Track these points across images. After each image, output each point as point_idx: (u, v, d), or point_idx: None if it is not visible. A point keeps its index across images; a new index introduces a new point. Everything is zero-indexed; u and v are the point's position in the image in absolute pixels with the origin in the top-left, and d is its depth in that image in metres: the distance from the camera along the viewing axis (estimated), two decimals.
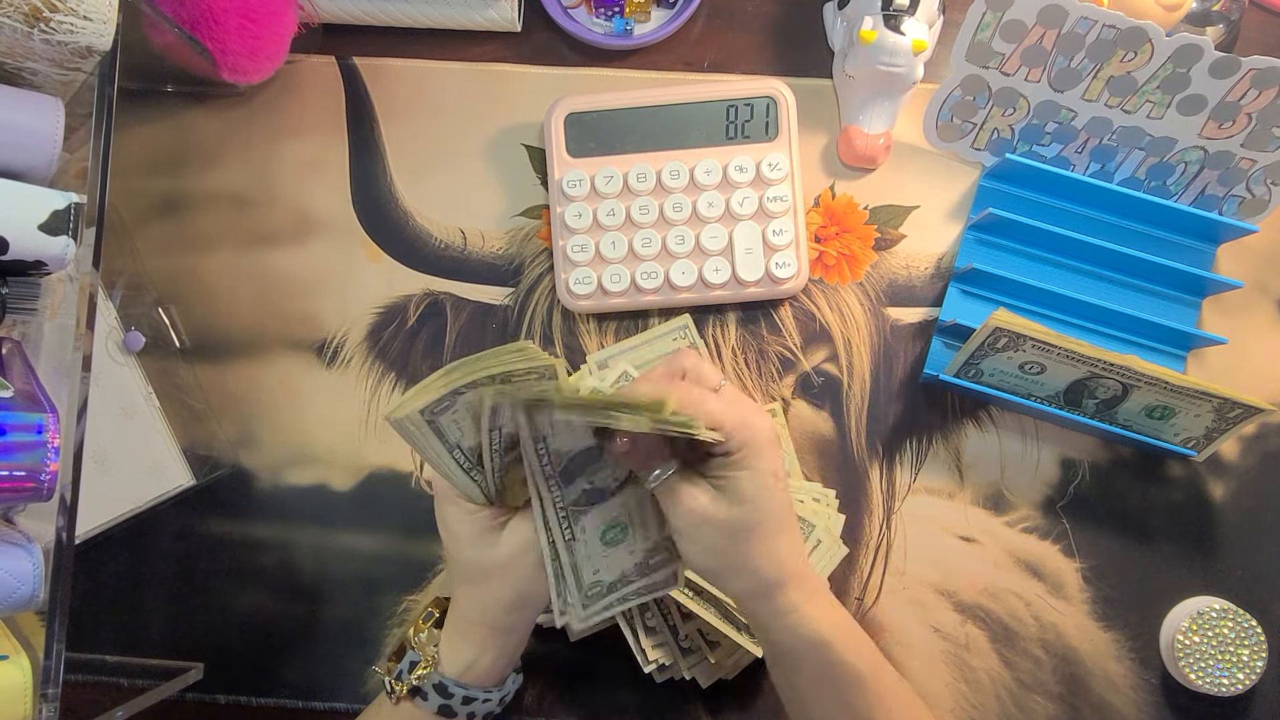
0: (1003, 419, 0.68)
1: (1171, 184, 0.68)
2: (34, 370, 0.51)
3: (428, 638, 0.56)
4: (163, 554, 0.68)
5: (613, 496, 0.54)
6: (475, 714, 0.55)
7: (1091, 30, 0.62)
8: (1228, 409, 0.62)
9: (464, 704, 0.54)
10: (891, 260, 0.70)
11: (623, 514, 0.54)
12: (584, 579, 0.55)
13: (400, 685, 0.55)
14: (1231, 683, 0.64)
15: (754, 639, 0.60)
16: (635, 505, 0.55)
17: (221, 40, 0.62)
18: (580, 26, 0.70)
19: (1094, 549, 0.67)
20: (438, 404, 0.46)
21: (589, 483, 0.53)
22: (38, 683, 0.49)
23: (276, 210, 0.71)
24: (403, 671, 0.55)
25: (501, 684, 0.56)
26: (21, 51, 0.49)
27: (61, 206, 0.49)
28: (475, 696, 0.54)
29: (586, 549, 0.54)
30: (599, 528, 0.54)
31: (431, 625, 0.57)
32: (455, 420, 0.48)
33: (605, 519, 0.54)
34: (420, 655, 0.56)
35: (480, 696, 0.54)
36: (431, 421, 0.47)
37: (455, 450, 0.49)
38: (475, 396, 0.47)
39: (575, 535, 0.54)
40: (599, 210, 0.67)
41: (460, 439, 0.49)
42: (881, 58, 0.64)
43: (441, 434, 0.48)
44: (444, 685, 0.54)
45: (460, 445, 0.49)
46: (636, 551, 0.55)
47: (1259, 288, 0.69)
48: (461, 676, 0.54)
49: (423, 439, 0.48)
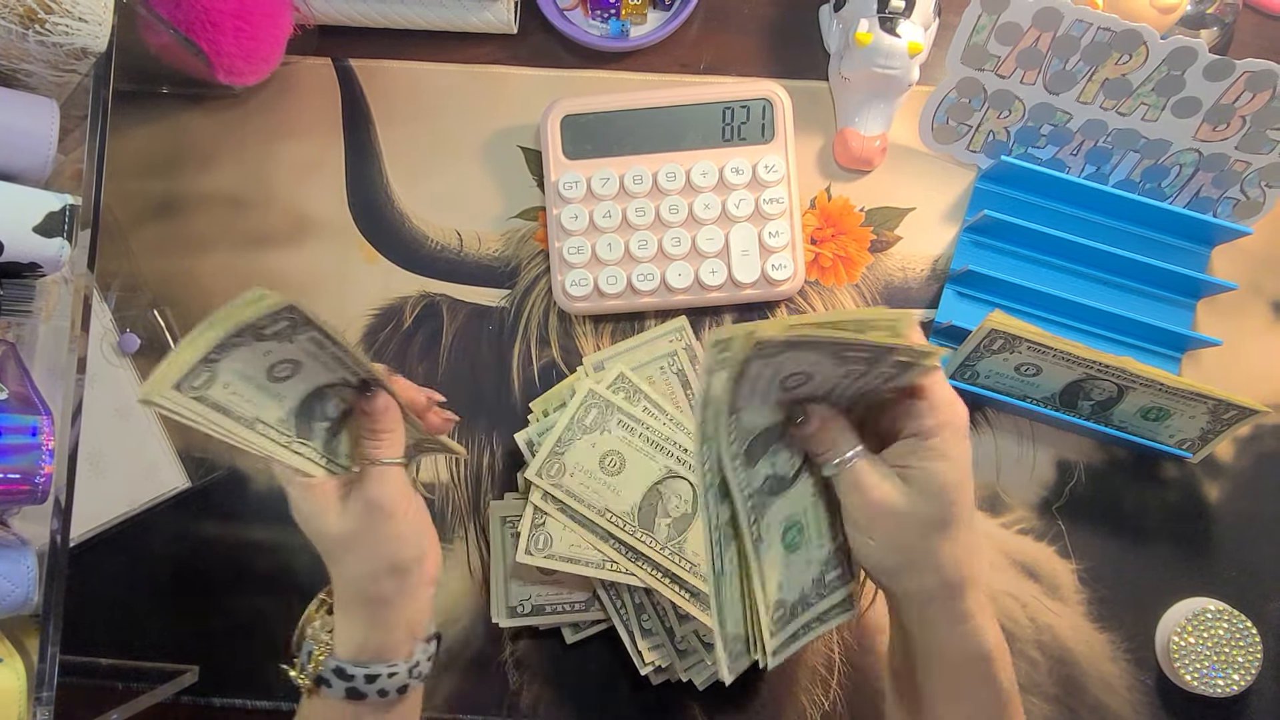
0: (999, 420, 0.69)
1: (1166, 186, 0.68)
2: (29, 372, 0.51)
3: (321, 624, 0.55)
4: (158, 556, 0.68)
5: (790, 488, 0.46)
6: (386, 690, 0.52)
7: (1086, 33, 0.62)
8: (1222, 410, 0.62)
9: (368, 682, 0.52)
10: (887, 262, 0.70)
11: (799, 510, 0.47)
12: (770, 595, 0.45)
13: (304, 676, 0.53)
14: (1227, 683, 0.64)
15: None
16: (811, 502, 0.48)
17: (217, 42, 0.62)
18: (576, 28, 0.70)
19: (1090, 550, 0.67)
20: (194, 375, 0.43)
21: (771, 466, 0.45)
22: (32, 686, 0.49)
23: (272, 212, 0.71)
24: (303, 663, 0.54)
25: (409, 656, 0.54)
26: (16, 53, 0.49)
27: (56, 208, 0.48)
28: (378, 673, 0.52)
29: (772, 554, 0.45)
30: (780, 524, 0.46)
31: (324, 612, 0.55)
32: (234, 392, 0.45)
33: (786, 515, 0.46)
34: (314, 644, 0.54)
35: (384, 671, 0.52)
36: (200, 397, 0.44)
37: (258, 424, 0.47)
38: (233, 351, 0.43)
39: (761, 535, 0.45)
40: (595, 212, 0.67)
41: (258, 411, 0.46)
42: (877, 60, 0.64)
43: (224, 409, 0.45)
44: (342, 669, 0.52)
45: (261, 418, 0.47)
46: (814, 563, 0.48)
47: (1253, 289, 0.69)
48: (356, 656, 0.52)
49: (201, 418, 0.44)
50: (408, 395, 0.53)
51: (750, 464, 0.43)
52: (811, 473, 0.47)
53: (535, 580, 0.65)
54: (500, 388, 0.69)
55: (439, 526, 0.68)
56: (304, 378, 0.48)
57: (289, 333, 0.45)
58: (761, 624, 0.45)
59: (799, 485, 0.46)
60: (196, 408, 0.44)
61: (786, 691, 0.66)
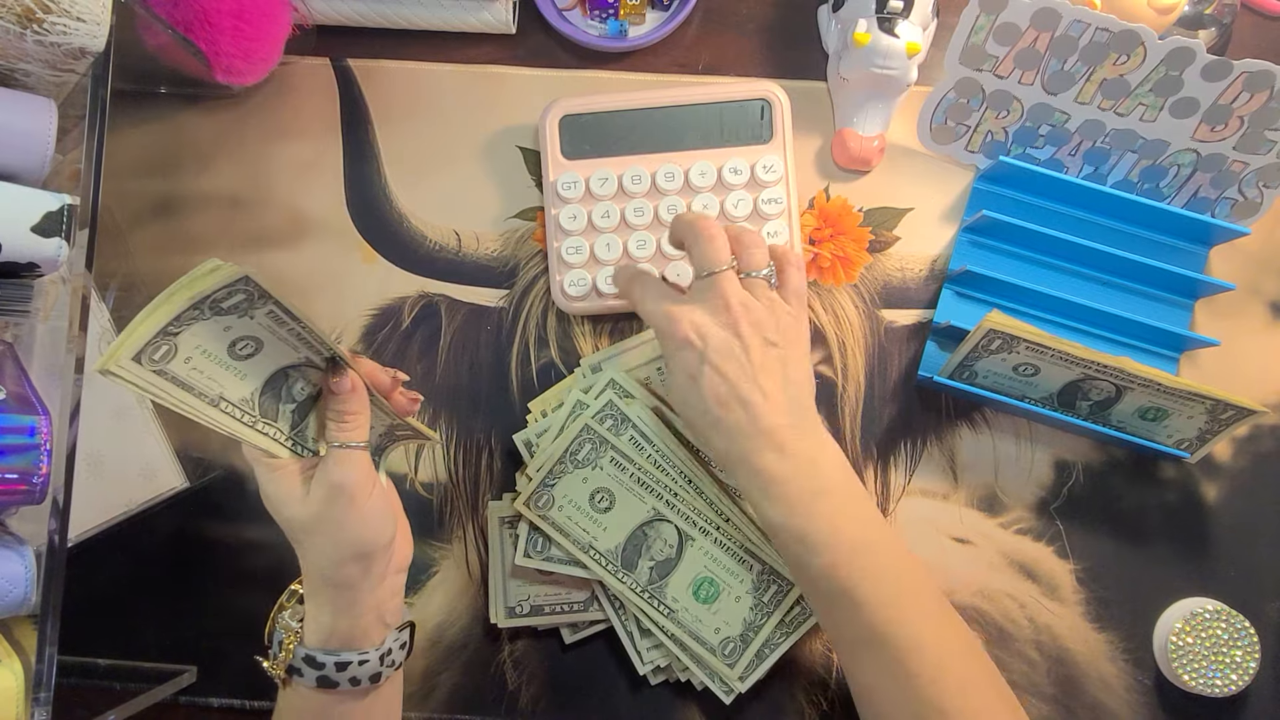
0: (997, 421, 0.69)
1: (1164, 186, 0.68)
2: (26, 372, 0.51)
3: (292, 614, 0.54)
4: (156, 557, 0.68)
5: (679, 564, 0.59)
6: (358, 678, 0.52)
7: (1085, 33, 0.62)
8: (1220, 411, 0.62)
9: (339, 670, 0.52)
10: (886, 262, 0.70)
11: (699, 570, 0.59)
12: (711, 640, 0.58)
13: (277, 667, 0.53)
14: (1225, 684, 0.64)
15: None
16: (708, 560, 0.59)
17: (215, 42, 0.62)
18: (575, 29, 0.70)
19: (1088, 550, 0.67)
20: (153, 348, 0.43)
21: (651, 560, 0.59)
22: (29, 686, 0.49)
23: (271, 212, 0.71)
24: (275, 653, 0.54)
25: (380, 643, 0.54)
26: (14, 53, 0.49)
27: (55, 208, 0.48)
28: (348, 660, 0.52)
29: (694, 612, 0.58)
30: (688, 588, 0.58)
31: (295, 601, 0.55)
32: (196, 369, 0.45)
33: (689, 581, 0.58)
34: (285, 633, 0.54)
35: (355, 659, 0.52)
36: (161, 371, 0.44)
37: (222, 402, 0.47)
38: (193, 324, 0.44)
39: (670, 608, 0.58)
40: (594, 212, 0.67)
41: (222, 389, 0.47)
42: (876, 60, 0.64)
43: (186, 385, 0.45)
44: (311, 657, 0.52)
45: (225, 397, 0.47)
46: (742, 596, 0.59)
47: (1251, 290, 0.69)
48: (326, 644, 0.52)
49: (164, 393, 0.45)
50: (372, 376, 0.53)
51: (630, 568, 0.58)
52: (696, 539, 0.59)
53: (534, 580, 0.65)
54: (498, 388, 0.69)
55: (438, 527, 0.68)
56: (268, 356, 0.49)
57: (246, 307, 0.46)
58: (714, 664, 0.59)
59: (688, 555, 0.58)
60: (158, 382, 0.44)
61: (786, 692, 0.66)
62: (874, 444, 0.68)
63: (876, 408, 0.68)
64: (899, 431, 0.68)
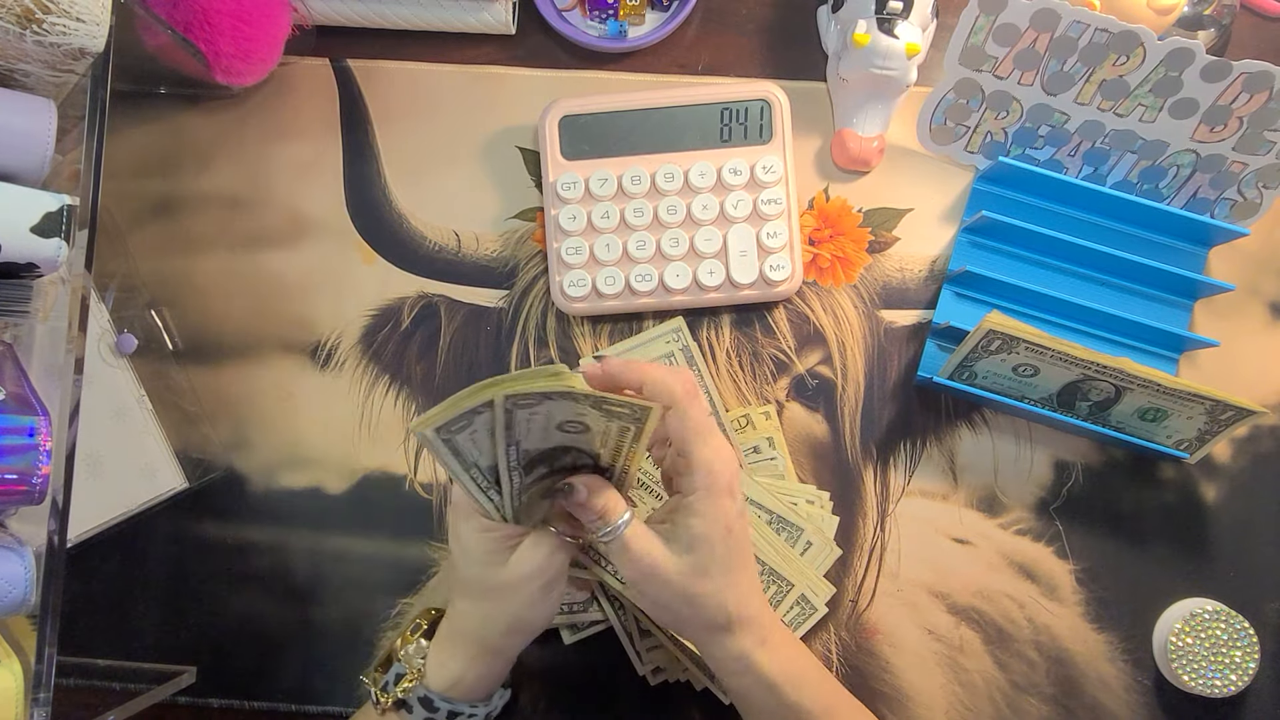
0: (996, 421, 0.69)
1: (1164, 187, 0.68)
2: (26, 373, 0.51)
3: (415, 649, 0.56)
4: (155, 557, 0.68)
5: None
6: None
7: (1084, 34, 0.62)
8: (1220, 411, 0.62)
9: (450, 718, 0.54)
10: (885, 263, 0.70)
11: None
12: None
13: (386, 697, 0.55)
14: (1224, 684, 0.64)
15: None
16: None
17: (215, 42, 0.62)
18: (575, 29, 0.70)
19: (1087, 551, 0.67)
20: (454, 423, 0.45)
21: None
22: (29, 687, 0.49)
23: (270, 212, 0.71)
24: (389, 683, 0.55)
25: (488, 700, 0.56)
26: (13, 53, 0.49)
27: (54, 208, 0.48)
28: (460, 711, 0.54)
29: None
30: None
31: (419, 636, 0.57)
32: (473, 439, 0.46)
33: None
34: (406, 667, 0.55)
35: (466, 711, 0.54)
36: (448, 440, 0.46)
37: (473, 469, 0.48)
38: (490, 411, 0.45)
39: None
40: (593, 213, 0.67)
41: (477, 458, 0.48)
42: (875, 61, 0.64)
43: (459, 453, 0.47)
44: (429, 699, 0.53)
45: (478, 464, 0.48)
46: None
47: (1250, 290, 0.69)
48: (448, 691, 0.53)
49: (441, 454, 0.47)
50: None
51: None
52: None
53: None
54: None
55: (438, 527, 0.68)
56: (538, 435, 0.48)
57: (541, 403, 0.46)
58: None
59: None
60: (442, 447, 0.46)
61: None
62: (873, 444, 0.68)
63: (876, 408, 0.68)
64: (898, 432, 0.68)
